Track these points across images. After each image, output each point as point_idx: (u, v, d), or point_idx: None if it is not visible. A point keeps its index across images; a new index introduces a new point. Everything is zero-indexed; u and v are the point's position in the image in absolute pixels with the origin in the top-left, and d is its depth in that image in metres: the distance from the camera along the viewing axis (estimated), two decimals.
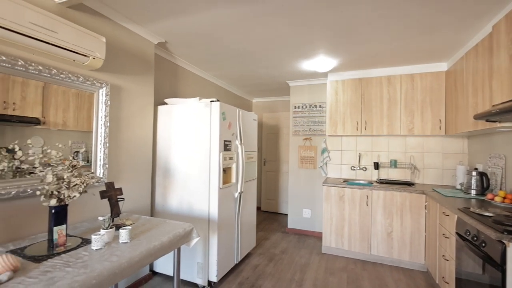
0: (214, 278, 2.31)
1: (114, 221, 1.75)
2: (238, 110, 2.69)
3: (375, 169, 3.45)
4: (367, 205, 2.98)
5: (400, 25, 2.13)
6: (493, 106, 1.76)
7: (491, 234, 1.38)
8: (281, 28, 2.23)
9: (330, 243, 3.15)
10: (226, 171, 2.51)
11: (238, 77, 3.87)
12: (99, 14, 1.97)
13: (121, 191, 1.83)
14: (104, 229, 1.44)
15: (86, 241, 1.44)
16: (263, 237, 3.72)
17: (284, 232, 3.96)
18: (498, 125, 1.89)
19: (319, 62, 3.10)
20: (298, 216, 3.99)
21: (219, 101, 2.36)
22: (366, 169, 3.55)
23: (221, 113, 2.35)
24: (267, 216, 4.86)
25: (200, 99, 2.45)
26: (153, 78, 2.51)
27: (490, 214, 1.64)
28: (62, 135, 1.72)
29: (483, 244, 1.49)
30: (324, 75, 3.63)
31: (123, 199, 1.84)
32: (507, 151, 2.21)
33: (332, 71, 3.45)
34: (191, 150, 2.42)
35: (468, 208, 1.87)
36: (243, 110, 2.82)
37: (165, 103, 2.69)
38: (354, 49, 2.67)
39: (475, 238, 1.58)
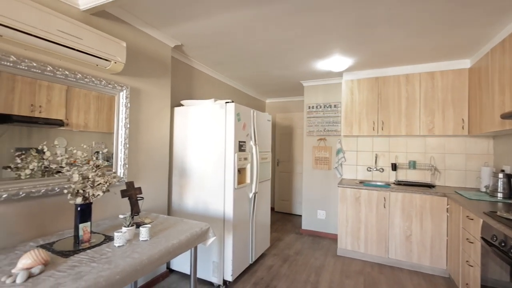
0: (229, 278, 2.33)
1: (133, 219, 1.81)
2: (252, 111, 2.71)
3: (392, 170, 3.35)
4: (384, 207, 2.91)
5: (419, 22, 2.07)
6: None
7: None
8: (296, 28, 2.22)
9: (346, 245, 3.10)
10: (240, 171, 2.53)
11: (252, 78, 3.89)
12: (120, 20, 2.04)
13: (140, 190, 1.89)
14: (125, 227, 1.49)
15: (109, 238, 1.50)
16: (277, 237, 3.72)
17: (298, 233, 3.94)
18: None
19: (334, 62, 3.06)
20: (312, 217, 3.95)
21: (233, 102, 2.38)
22: (383, 170, 3.46)
23: (236, 114, 2.38)
24: (280, 217, 4.85)
25: (215, 100, 2.49)
26: (170, 81, 2.57)
27: None
28: (83, 136, 1.79)
29: (511, 250, 1.41)
30: (339, 74, 3.58)
31: (142, 198, 1.90)
32: None
33: (347, 71, 3.40)
34: (206, 150, 2.47)
35: (495, 212, 1.78)
36: (257, 111, 2.83)
37: (181, 105, 2.75)
38: (370, 47, 2.61)
39: (502, 244, 1.51)
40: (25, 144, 1.49)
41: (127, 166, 2.08)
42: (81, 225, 1.41)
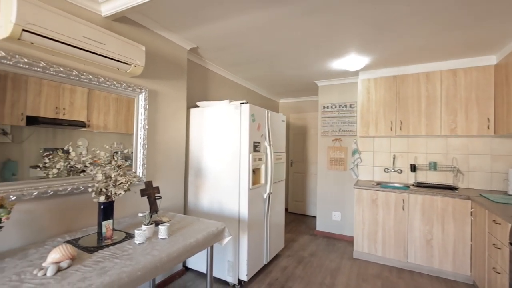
0: (244, 277, 2.35)
1: (152, 217, 1.86)
2: (266, 112, 2.72)
3: (411, 171, 3.25)
4: (403, 209, 2.83)
5: (441, 18, 1.99)
6: None
7: None
8: (311, 28, 2.21)
9: (362, 248, 3.03)
10: (255, 172, 2.54)
11: (265, 79, 3.90)
12: (139, 25, 2.11)
13: (158, 190, 1.95)
14: (145, 225, 1.54)
15: (130, 235, 1.55)
16: (291, 238, 3.70)
17: (313, 235, 3.90)
18: None
19: (350, 61, 3.01)
20: (327, 218, 3.90)
21: (248, 103, 2.40)
22: (401, 171, 3.36)
23: (250, 115, 2.39)
24: (294, 218, 4.82)
25: (230, 101, 2.52)
26: (185, 82, 2.63)
27: None
28: (103, 137, 1.86)
29: None
30: (355, 73, 3.51)
31: (160, 197, 1.95)
32: None
33: (363, 69, 3.33)
34: (221, 151, 2.50)
35: None
36: (271, 111, 2.83)
37: (197, 106, 2.80)
38: (388, 45, 2.55)
39: None
40: (50, 144, 1.56)
41: (145, 166, 2.14)
42: (104, 223, 1.47)
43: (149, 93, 2.20)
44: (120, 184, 1.50)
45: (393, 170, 3.40)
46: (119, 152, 2.01)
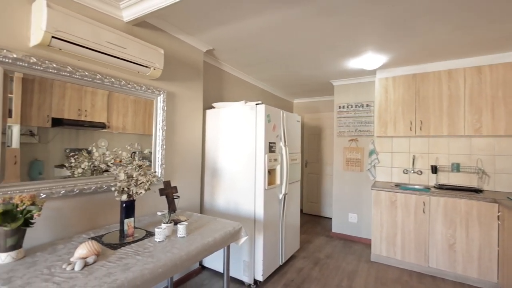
0: (260, 277, 2.35)
1: (170, 216, 1.90)
2: (282, 112, 2.71)
3: (432, 173, 3.13)
4: (423, 212, 2.73)
5: (465, 12, 1.91)
6: None
7: None
8: (327, 27, 2.18)
9: (381, 251, 2.95)
10: (270, 172, 2.54)
11: (280, 79, 3.89)
12: (157, 29, 2.17)
13: (176, 189, 1.99)
14: (164, 223, 1.58)
15: (150, 233, 1.60)
16: (306, 240, 3.66)
17: (328, 236, 3.84)
18: None
19: (367, 60, 2.94)
20: (343, 220, 3.83)
21: (263, 103, 2.40)
22: (421, 173, 3.24)
23: (266, 116, 2.40)
24: (309, 219, 4.77)
25: (245, 102, 2.53)
26: (202, 84, 2.67)
27: None
28: (121, 137, 1.92)
29: None
30: (372, 72, 3.43)
31: (178, 196, 2.00)
32: None
33: (381, 68, 3.24)
34: (237, 151, 2.52)
35: None
36: (286, 111, 2.82)
37: (213, 107, 2.84)
38: (407, 43, 2.47)
39: None
40: (73, 145, 1.63)
41: (164, 166, 2.20)
42: (126, 220, 1.52)
43: (167, 95, 2.26)
44: (141, 183, 1.55)
45: (412, 172, 3.29)
46: (137, 152, 2.08)
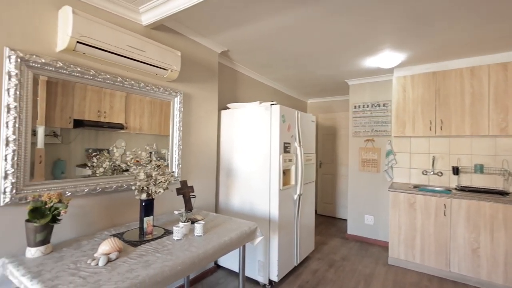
0: (275, 278, 2.35)
1: (187, 215, 1.94)
2: (296, 112, 2.70)
3: (454, 174, 3.01)
4: (444, 215, 2.63)
5: (491, 7, 1.83)
6: None
7: None
8: (343, 26, 2.15)
9: (399, 254, 2.87)
10: (285, 173, 2.54)
11: (294, 79, 3.87)
12: (174, 31, 2.22)
13: (192, 189, 2.02)
14: (182, 222, 1.61)
15: (168, 232, 1.63)
16: (321, 241, 3.62)
17: (344, 238, 3.78)
18: None
19: (384, 58, 2.88)
20: (359, 222, 3.76)
21: (278, 104, 2.40)
22: (441, 174, 3.13)
23: (281, 116, 2.39)
24: (324, 220, 4.71)
25: (260, 102, 2.54)
26: (217, 85, 2.71)
27: None
28: (138, 138, 1.97)
29: None
30: (389, 71, 3.35)
31: (195, 196, 2.03)
32: None
33: (398, 66, 3.16)
34: (252, 152, 2.53)
35: None
36: (301, 112, 2.80)
37: (227, 108, 2.87)
38: (427, 40, 2.39)
39: None
40: (92, 145, 1.69)
41: (180, 166, 2.24)
42: (145, 219, 1.56)
43: (183, 96, 2.30)
44: (159, 182, 1.59)
45: (432, 173, 3.18)
46: (153, 152, 2.13)
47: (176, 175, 2.20)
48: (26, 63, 1.36)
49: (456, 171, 2.98)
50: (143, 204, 1.56)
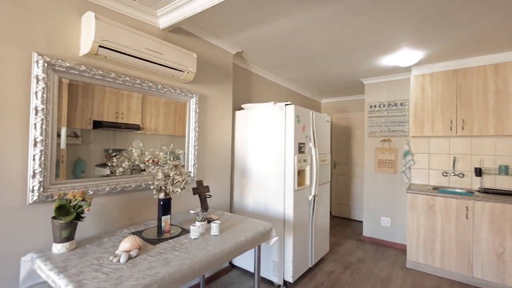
0: (289, 279, 2.34)
1: (203, 215, 1.96)
2: (311, 112, 2.67)
3: (476, 175, 2.88)
4: (467, 218, 2.52)
5: None
6: None
7: None
8: (359, 25, 2.11)
9: (417, 258, 2.78)
10: (300, 173, 2.52)
11: (308, 79, 3.84)
12: (190, 34, 2.26)
13: (208, 189, 2.05)
14: (198, 221, 1.64)
15: (185, 231, 1.66)
16: (336, 243, 3.57)
17: (359, 240, 3.70)
18: None
19: (402, 56, 2.80)
20: (375, 224, 3.67)
21: (292, 104, 2.39)
22: (463, 175, 3.00)
23: (295, 116, 2.38)
24: (338, 221, 4.64)
25: (274, 103, 2.53)
26: (231, 86, 2.73)
27: None
28: (154, 138, 2.00)
29: None
30: (406, 69, 3.26)
31: (210, 196, 2.05)
32: None
33: (417, 65, 3.06)
34: (266, 152, 2.53)
35: None
36: (316, 112, 2.78)
37: (242, 108, 2.88)
38: (447, 37, 2.31)
39: None
40: (110, 145, 1.73)
41: (196, 166, 2.27)
42: (163, 217, 1.60)
43: (199, 97, 2.33)
44: (177, 182, 1.62)
45: (453, 174, 3.06)
46: (168, 153, 2.17)
47: (192, 175, 2.24)
48: (52, 67, 1.42)
49: (478, 172, 2.85)
50: (161, 203, 1.60)
